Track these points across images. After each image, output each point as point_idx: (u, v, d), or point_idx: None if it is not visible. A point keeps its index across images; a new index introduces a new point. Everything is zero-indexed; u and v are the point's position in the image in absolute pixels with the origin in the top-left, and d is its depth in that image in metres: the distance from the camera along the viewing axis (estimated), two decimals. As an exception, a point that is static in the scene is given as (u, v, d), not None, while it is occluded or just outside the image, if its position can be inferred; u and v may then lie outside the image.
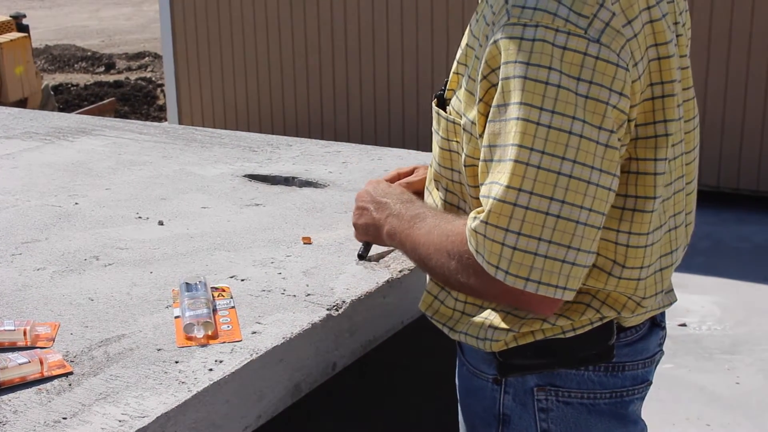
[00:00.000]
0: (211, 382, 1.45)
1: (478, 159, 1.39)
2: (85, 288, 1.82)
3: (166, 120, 9.09)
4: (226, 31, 7.71)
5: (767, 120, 6.12)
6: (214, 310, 1.67)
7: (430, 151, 2.06)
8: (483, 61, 1.34)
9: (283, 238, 2.07)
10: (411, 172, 1.83)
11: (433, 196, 1.62)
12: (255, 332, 1.61)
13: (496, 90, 1.32)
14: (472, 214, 1.36)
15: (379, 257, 1.93)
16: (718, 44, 6.02)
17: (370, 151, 2.79)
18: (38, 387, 1.45)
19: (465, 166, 1.45)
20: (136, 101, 11.05)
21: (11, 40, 8.58)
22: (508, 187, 1.28)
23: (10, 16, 9.14)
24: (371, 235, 1.71)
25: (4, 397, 1.42)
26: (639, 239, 1.40)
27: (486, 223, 1.31)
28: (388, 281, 1.84)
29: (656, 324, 1.57)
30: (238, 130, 5.55)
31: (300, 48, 7.45)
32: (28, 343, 1.57)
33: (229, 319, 1.65)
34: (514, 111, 1.28)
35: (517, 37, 1.28)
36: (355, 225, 1.76)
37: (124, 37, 15.90)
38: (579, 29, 1.27)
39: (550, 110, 1.26)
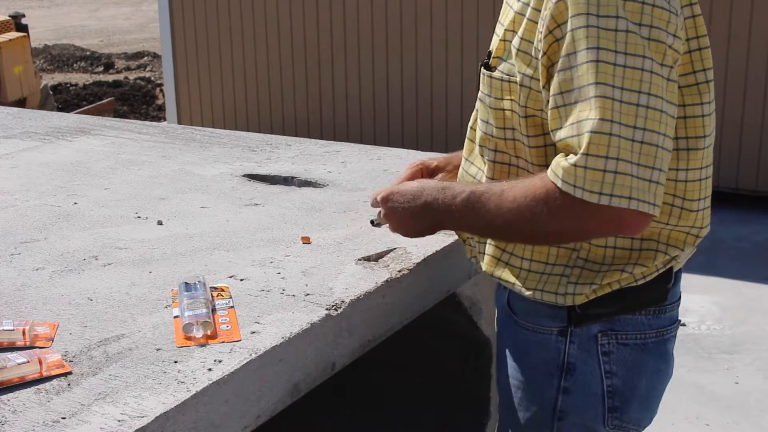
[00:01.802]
0: (210, 382, 1.45)
1: (538, 110, 1.55)
2: (84, 288, 1.82)
3: (165, 120, 9.09)
4: (225, 30, 7.71)
5: (766, 120, 6.13)
6: (213, 310, 1.67)
7: (428, 150, 2.07)
8: (548, 18, 1.48)
9: (282, 237, 2.07)
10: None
11: (477, 164, 1.75)
12: (254, 332, 1.61)
13: (559, 44, 1.47)
14: (558, 159, 1.45)
15: (378, 257, 1.93)
16: (717, 44, 6.02)
17: (370, 150, 2.79)
18: (37, 387, 1.45)
19: (525, 117, 1.58)
20: (135, 101, 11.04)
21: (10, 40, 8.58)
22: (601, 119, 1.42)
23: (9, 16, 9.14)
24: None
25: (3, 397, 1.42)
26: (695, 173, 1.59)
27: (587, 155, 1.42)
28: (387, 281, 1.84)
29: (679, 271, 1.73)
30: (237, 129, 5.55)
31: (299, 48, 7.45)
32: (27, 343, 1.57)
33: (228, 319, 1.65)
34: (589, 55, 1.43)
35: None
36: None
37: (123, 36, 15.90)
38: None
39: (623, 52, 1.43)
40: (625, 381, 1.68)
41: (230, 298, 1.74)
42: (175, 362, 1.51)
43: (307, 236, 2.06)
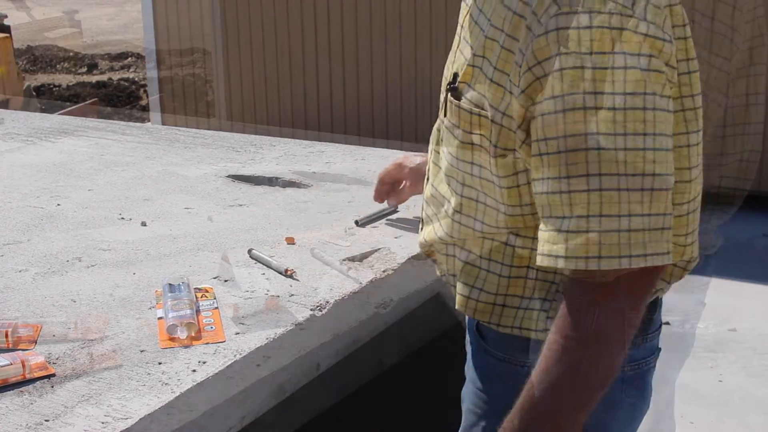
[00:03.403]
0: (195, 383, 1.45)
1: (510, 150, 1.36)
2: (68, 289, 1.81)
3: (149, 121, 9.06)
4: (208, 30, 7.68)
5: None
6: (198, 311, 1.66)
7: (417, 150, 2.07)
8: (529, 53, 1.29)
9: (267, 238, 2.07)
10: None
11: (442, 190, 1.55)
12: (238, 333, 1.61)
13: (541, 83, 1.28)
14: (554, 241, 1.28)
15: (363, 257, 1.93)
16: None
17: (354, 151, 2.79)
18: (20, 389, 1.44)
19: (495, 156, 1.39)
20: (118, 102, 11.01)
21: (-7, 41, 8.55)
22: (605, 174, 1.25)
23: (-8, 17, 9.10)
24: None
25: (-14, 400, 1.41)
26: (681, 208, 1.40)
27: (600, 216, 1.25)
28: (371, 281, 1.84)
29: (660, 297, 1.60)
30: (221, 130, 5.54)
31: (283, 48, 7.44)
32: (10, 345, 1.56)
33: (212, 320, 1.64)
34: (583, 100, 1.25)
35: (573, 27, 1.26)
36: None
37: (106, 37, 15.84)
38: (627, 9, 1.26)
39: (622, 93, 1.25)
40: (597, 418, 1.45)
41: (214, 299, 1.73)
42: (159, 363, 1.51)
43: (291, 237, 2.05)
